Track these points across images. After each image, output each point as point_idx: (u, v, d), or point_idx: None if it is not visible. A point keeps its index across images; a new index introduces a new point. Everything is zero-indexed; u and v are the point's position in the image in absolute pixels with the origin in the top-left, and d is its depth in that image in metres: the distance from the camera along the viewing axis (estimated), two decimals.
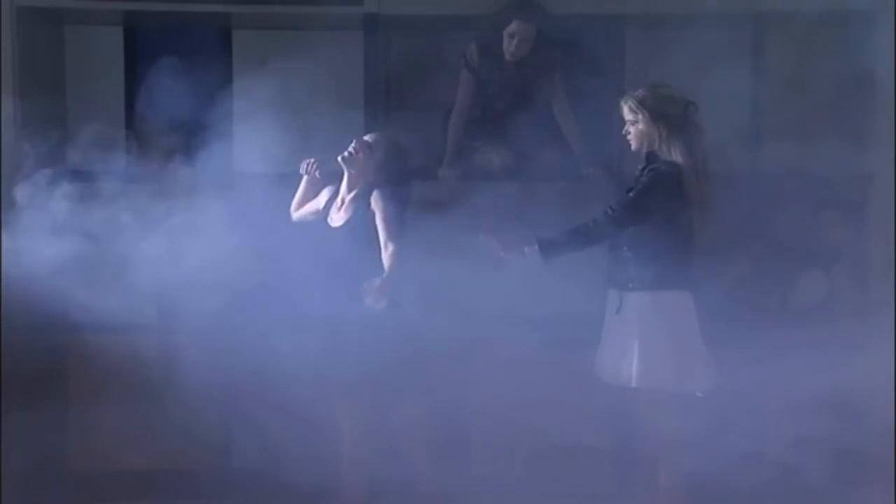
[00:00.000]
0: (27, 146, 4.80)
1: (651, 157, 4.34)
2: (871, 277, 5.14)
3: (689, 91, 4.43)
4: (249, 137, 5.07)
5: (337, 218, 4.51)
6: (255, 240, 4.75)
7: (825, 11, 5.17)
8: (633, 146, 4.39)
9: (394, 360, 4.32)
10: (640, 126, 4.33)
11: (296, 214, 4.74)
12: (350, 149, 4.50)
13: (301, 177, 4.69)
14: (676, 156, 4.29)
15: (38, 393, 4.96)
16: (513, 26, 5.09)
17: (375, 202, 4.40)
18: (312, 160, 4.64)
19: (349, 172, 4.51)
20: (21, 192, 4.68)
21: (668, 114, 4.32)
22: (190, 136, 5.07)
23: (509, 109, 5.25)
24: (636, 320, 4.31)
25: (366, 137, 4.56)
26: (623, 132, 4.39)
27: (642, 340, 4.30)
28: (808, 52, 5.32)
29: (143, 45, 5.17)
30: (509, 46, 5.12)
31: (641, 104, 4.33)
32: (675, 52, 5.31)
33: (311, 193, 4.69)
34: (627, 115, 4.37)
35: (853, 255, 5.18)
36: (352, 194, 4.50)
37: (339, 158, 4.50)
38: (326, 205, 4.59)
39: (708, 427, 4.40)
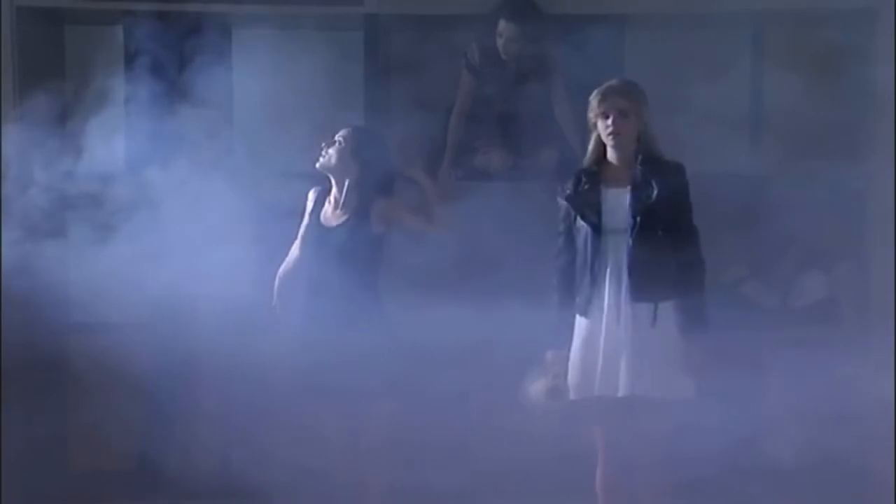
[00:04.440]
0: (26, 145, 4.81)
1: (649, 155, 4.09)
2: (871, 277, 5.14)
3: (689, 91, 4.42)
4: (249, 137, 5.08)
5: (333, 218, 4.48)
6: (255, 238, 4.75)
7: (826, 11, 5.18)
8: (619, 142, 4.07)
9: (395, 361, 4.33)
10: (639, 122, 4.08)
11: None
12: (322, 152, 4.45)
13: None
14: (664, 153, 4.11)
15: (37, 392, 4.96)
16: (500, 26, 5.12)
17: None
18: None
19: (332, 175, 4.47)
20: (20, 191, 4.69)
21: (646, 110, 4.12)
22: (189, 136, 5.07)
23: (510, 109, 5.25)
24: (672, 330, 4.06)
25: (336, 136, 4.49)
26: (611, 132, 4.07)
27: (686, 347, 4.05)
28: (808, 51, 5.32)
29: (143, 45, 5.16)
30: (499, 46, 5.13)
31: (634, 98, 4.09)
32: (675, 53, 5.33)
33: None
34: (610, 110, 4.06)
35: (853, 255, 5.19)
36: (344, 194, 4.47)
37: (317, 165, 4.45)
38: (315, 207, 4.53)
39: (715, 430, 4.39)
